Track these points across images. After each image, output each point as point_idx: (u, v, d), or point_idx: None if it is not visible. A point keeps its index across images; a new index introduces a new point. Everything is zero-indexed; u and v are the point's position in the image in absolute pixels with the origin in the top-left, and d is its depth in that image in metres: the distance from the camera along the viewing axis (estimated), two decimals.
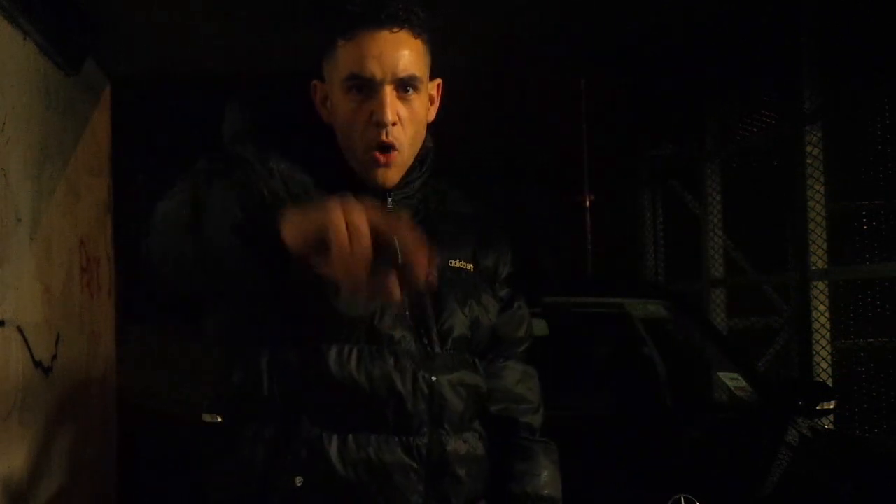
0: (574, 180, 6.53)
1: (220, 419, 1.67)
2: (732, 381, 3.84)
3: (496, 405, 1.70)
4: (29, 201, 4.08)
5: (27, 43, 4.08)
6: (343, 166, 1.59)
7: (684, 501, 2.74)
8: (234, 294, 1.54)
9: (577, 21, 5.05)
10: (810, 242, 4.56)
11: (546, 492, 1.69)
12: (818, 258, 4.54)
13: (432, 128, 1.67)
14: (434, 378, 1.55)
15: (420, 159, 1.64)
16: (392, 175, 1.57)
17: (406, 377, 1.52)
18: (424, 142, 1.65)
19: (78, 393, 4.87)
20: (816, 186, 4.57)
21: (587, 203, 6.55)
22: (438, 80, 1.65)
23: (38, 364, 4.14)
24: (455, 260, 1.63)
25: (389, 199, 1.60)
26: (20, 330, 3.90)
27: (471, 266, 1.66)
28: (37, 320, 4.15)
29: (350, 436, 1.51)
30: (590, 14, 4.95)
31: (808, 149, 4.57)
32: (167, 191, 1.46)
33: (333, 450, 1.50)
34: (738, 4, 4.88)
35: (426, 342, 1.56)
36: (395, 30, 1.52)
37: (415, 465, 1.52)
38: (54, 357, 4.40)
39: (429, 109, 1.62)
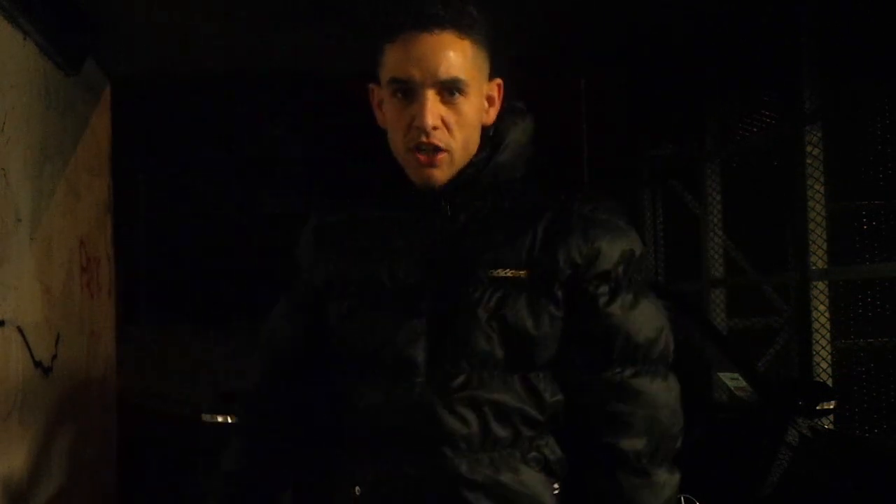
0: (574, 180, 6.52)
1: (219, 419, 1.70)
2: (732, 381, 3.84)
3: (580, 422, 1.53)
4: (29, 201, 4.08)
5: (27, 43, 4.08)
6: (397, 169, 1.57)
7: (684, 501, 2.74)
8: None
9: (577, 21, 5.05)
10: (810, 242, 4.55)
11: None
12: (818, 258, 4.54)
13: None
14: (433, 399, 1.48)
15: (485, 158, 1.56)
16: (437, 175, 1.51)
17: (403, 401, 1.49)
18: (491, 138, 1.57)
19: (78, 393, 4.87)
20: (816, 186, 4.57)
21: None
22: (498, 80, 1.57)
23: (38, 364, 4.14)
24: (499, 269, 1.49)
25: (448, 206, 1.54)
26: (20, 330, 3.90)
27: (522, 272, 1.49)
28: (37, 320, 4.15)
29: (370, 463, 1.54)
30: (590, 14, 4.95)
31: (808, 149, 4.57)
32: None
33: (360, 481, 1.55)
34: (738, 4, 4.88)
35: (439, 360, 1.49)
36: (437, 31, 1.47)
37: (422, 492, 1.49)
38: (54, 357, 4.40)
39: (485, 111, 1.55)
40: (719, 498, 2.86)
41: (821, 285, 4.56)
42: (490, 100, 1.56)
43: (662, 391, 1.53)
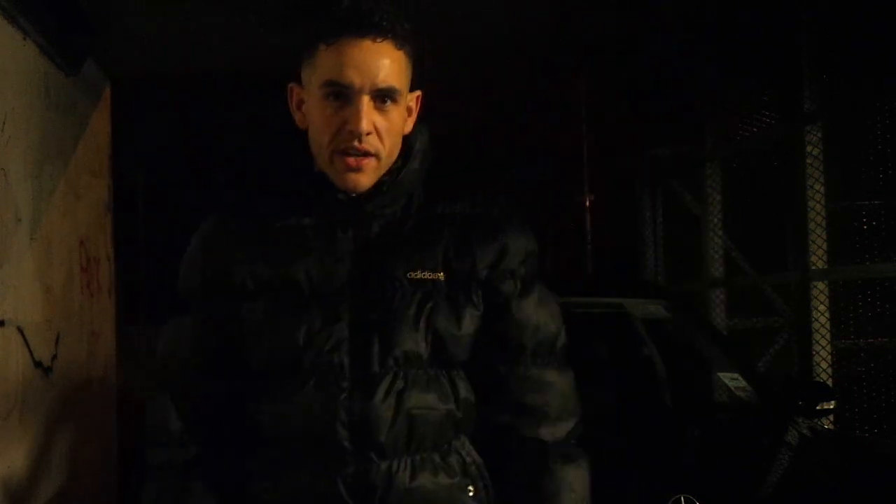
0: (574, 180, 6.52)
1: None
2: (732, 381, 3.84)
3: (499, 417, 1.58)
4: (29, 201, 4.08)
5: (27, 43, 4.08)
6: (316, 173, 1.57)
7: (684, 501, 2.74)
8: None
9: (576, 21, 5.05)
10: (810, 242, 4.56)
11: None
12: (818, 258, 4.54)
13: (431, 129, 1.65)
14: (360, 403, 1.48)
15: (399, 166, 1.59)
16: (363, 180, 1.53)
17: (329, 405, 1.48)
18: (409, 147, 1.60)
19: (78, 393, 4.87)
20: (816, 186, 4.57)
21: (587, 203, 6.55)
22: (418, 93, 1.61)
23: (38, 364, 4.14)
24: (417, 271, 1.54)
25: (362, 211, 1.57)
26: (20, 330, 3.90)
27: (440, 275, 1.55)
28: (37, 320, 4.15)
29: (280, 473, 1.51)
30: (590, 14, 4.96)
31: (808, 149, 4.58)
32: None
33: (262, 490, 1.52)
34: (737, 4, 4.88)
35: (364, 362, 1.50)
36: (379, 40, 1.49)
37: (343, 499, 1.48)
38: (54, 357, 4.40)
39: (406, 121, 1.58)
40: (719, 498, 2.87)
41: (821, 285, 4.56)
42: (409, 110, 1.60)
43: (567, 381, 1.63)
